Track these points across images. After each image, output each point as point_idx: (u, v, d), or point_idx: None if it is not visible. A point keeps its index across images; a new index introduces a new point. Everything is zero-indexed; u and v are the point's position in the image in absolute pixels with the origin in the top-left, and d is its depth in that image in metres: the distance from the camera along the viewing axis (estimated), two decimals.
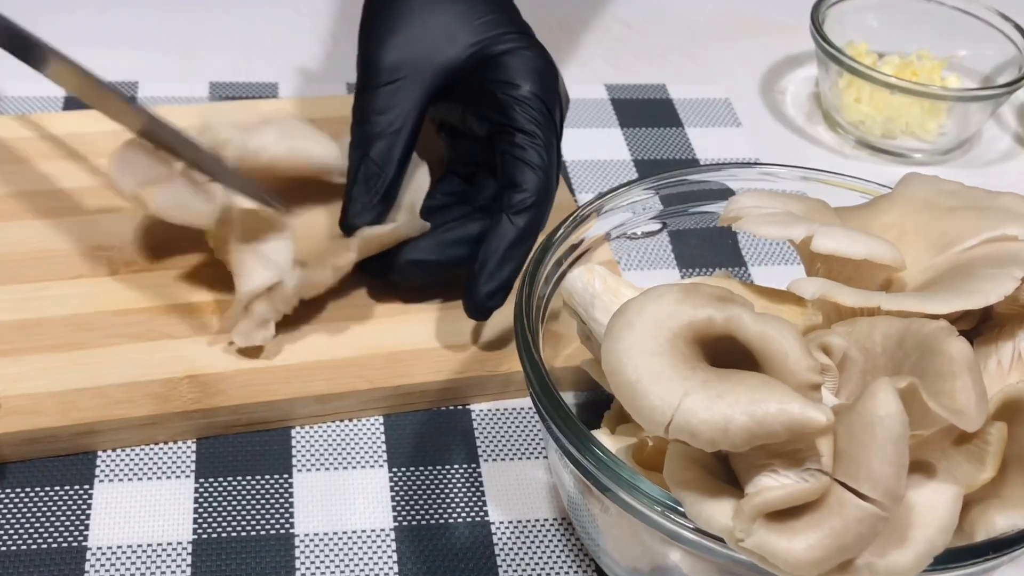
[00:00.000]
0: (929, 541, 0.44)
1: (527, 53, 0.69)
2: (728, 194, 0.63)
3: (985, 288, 0.50)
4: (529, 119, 0.67)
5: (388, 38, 0.69)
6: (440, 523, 0.61)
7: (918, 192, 0.58)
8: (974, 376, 0.46)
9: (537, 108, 0.67)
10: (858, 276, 0.54)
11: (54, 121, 0.81)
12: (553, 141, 0.68)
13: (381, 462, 0.63)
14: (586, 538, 0.58)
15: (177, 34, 0.96)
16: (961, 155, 0.91)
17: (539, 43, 0.70)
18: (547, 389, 0.51)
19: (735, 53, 1.01)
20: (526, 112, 0.67)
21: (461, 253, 0.68)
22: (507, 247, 0.65)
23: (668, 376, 0.45)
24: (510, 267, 0.65)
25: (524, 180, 0.66)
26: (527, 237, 0.66)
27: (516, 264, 0.66)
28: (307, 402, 0.64)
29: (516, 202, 0.66)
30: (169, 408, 0.62)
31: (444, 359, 0.66)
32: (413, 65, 0.69)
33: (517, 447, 0.65)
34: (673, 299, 0.47)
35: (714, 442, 0.43)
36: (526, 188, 0.66)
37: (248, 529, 0.60)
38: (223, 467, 0.62)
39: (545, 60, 0.69)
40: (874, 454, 0.42)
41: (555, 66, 0.70)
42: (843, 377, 0.50)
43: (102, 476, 0.61)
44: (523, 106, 0.67)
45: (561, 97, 0.70)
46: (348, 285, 0.69)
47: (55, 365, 0.64)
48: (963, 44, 0.94)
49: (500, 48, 0.69)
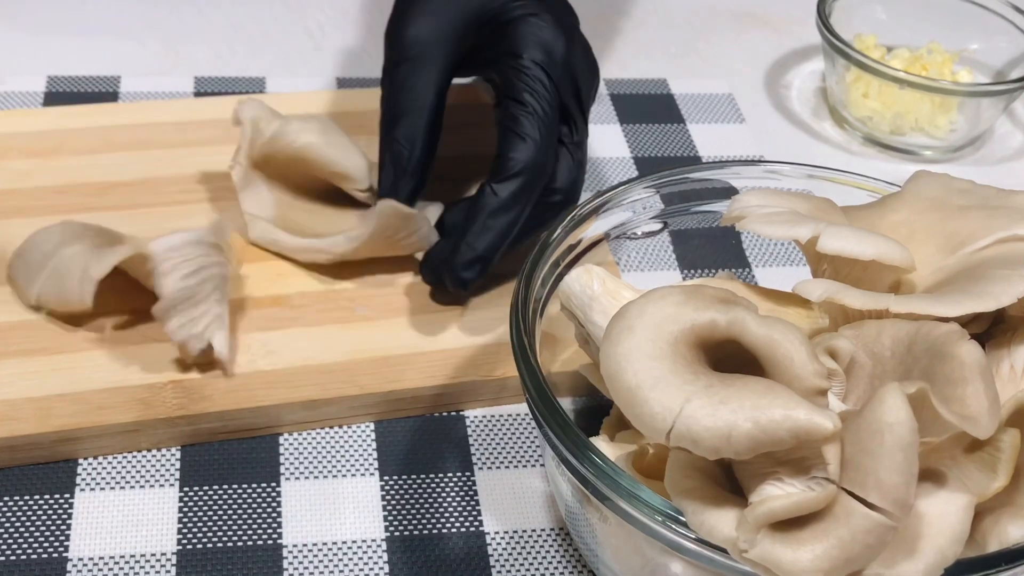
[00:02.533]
0: (940, 552, 0.44)
1: (535, 20, 0.69)
2: (731, 193, 0.64)
3: (997, 290, 0.50)
4: (525, 88, 0.67)
5: (406, 13, 0.70)
6: (433, 533, 0.61)
7: (928, 191, 0.58)
8: (986, 381, 0.46)
9: (534, 77, 0.67)
10: (866, 277, 0.54)
11: (37, 117, 0.81)
12: (550, 112, 0.67)
13: (372, 470, 0.63)
14: (584, 549, 0.58)
15: (160, 26, 0.96)
16: (972, 152, 0.91)
17: (558, 10, 0.70)
18: (544, 395, 0.51)
19: (739, 46, 1.01)
20: (523, 81, 0.67)
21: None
22: (486, 216, 0.66)
23: (669, 381, 0.45)
24: (488, 237, 0.66)
25: (510, 149, 0.66)
26: (509, 207, 0.66)
27: (496, 235, 0.66)
28: (295, 408, 0.64)
29: (500, 170, 0.66)
30: (152, 414, 0.62)
31: (437, 364, 0.66)
32: (430, 39, 0.69)
33: (513, 455, 0.65)
34: (674, 301, 0.47)
35: (717, 450, 0.43)
36: (512, 157, 0.66)
37: (234, 539, 0.60)
38: (208, 475, 0.62)
39: (555, 29, 0.69)
40: (883, 462, 0.42)
41: (570, 36, 0.70)
42: (850, 382, 0.50)
43: (83, 484, 0.61)
44: (521, 75, 0.67)
45: (573, 68, 0.69)
46: (339, 288, 0.69)
47: (34, 369, 0.64)
48: (975, 37, 0.94)
49: (510, 16, 0.69)
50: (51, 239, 0.67)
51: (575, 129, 0.69)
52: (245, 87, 0.89)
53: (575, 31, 0.71)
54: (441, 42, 0.70)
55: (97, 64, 0.90)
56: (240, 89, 0.89)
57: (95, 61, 0.90)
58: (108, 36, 0.94)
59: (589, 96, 0.71)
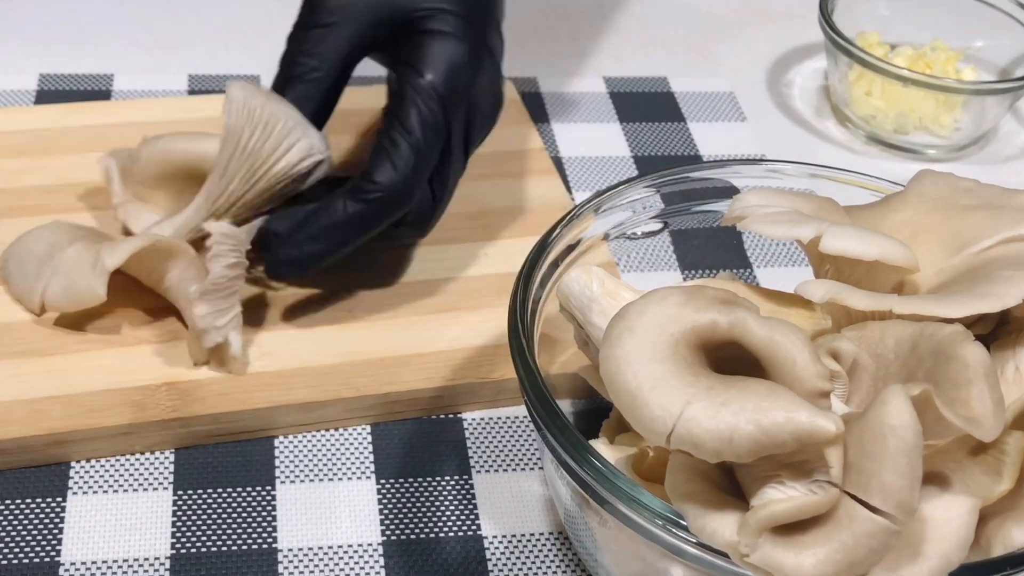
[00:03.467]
0: (944, 556, 0.44)
1: (449, 42, 0.66)
2: (732, 192, 0.64)
3: (1002, 291, 0.50)
4: (415, 113, 0.65)
5: None
6: (430, 537, 0.61)
7: (932, 190, 0.58)
8: (991, 383, 0.46)
9: (428, 105, 0.65)
10: (869, 278, 0.54)
11: (28, 116, 0.81)
12: (431, 145, 0.65)
13: (368, 473, 0.63)
14: (584, 553, 0.58)
15: (153, 24, 0.96)
16: (977, 151, 0.92)
17: (480, 31, 0.68)
18: (542, 397, 0.51)
19: (740, 44, 1.01)
20: (416, 105, 0.65)
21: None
22: (326, 225, 0.64)
23: (670, 383, 0.45)
24: (318, 246, 0.65)
25: (377, 171, 0.64)
26: (352, 227, 0.65)
27: (327, 246, 0.65)
28: (290, 410, 0.64)
29: (358, 188, 0.64)
30: (146, 417, 0.62)
31: (434, 365, 0.66)
32: (345, 12, 0.67)
33: (511, 458, 0.65)
34: (675, 302, 0.47)
35: (718, 453, 0.43)
36: (376, 181, 0.64)
37: (229, 544, 0.60)
38: (202, 479, 0.62)
39: (468, 55, 0.66)
40: (886, 465, 0.42)
41: (482, 63, 0.67)
42: (853, 384, 0.50)
43: (76, 488, 0.61)
44: (416, 97, 0.65)
45: (473, 101, 0.67)
46: (334, 288, 0.69)
47: (26, 371, 0.64)
48: (979, 35, 0.94)
49: (427, 26, 0.66)
50: (43, 239, 0.67)
51: (446, 163, 0.67)
52: None
53: (493, 59, 0.69)
54: (355, 19, 0.67)
55: (90, 62, 0.90)
56: None
57: (88, 59, 0.90)
58: (101, 33, 0.94)
59: (480, 132, 0.69)
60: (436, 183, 0.67)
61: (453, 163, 0.67)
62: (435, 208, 0.68)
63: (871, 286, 0.53)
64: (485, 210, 0.77)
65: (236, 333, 0.64)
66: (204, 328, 0.63)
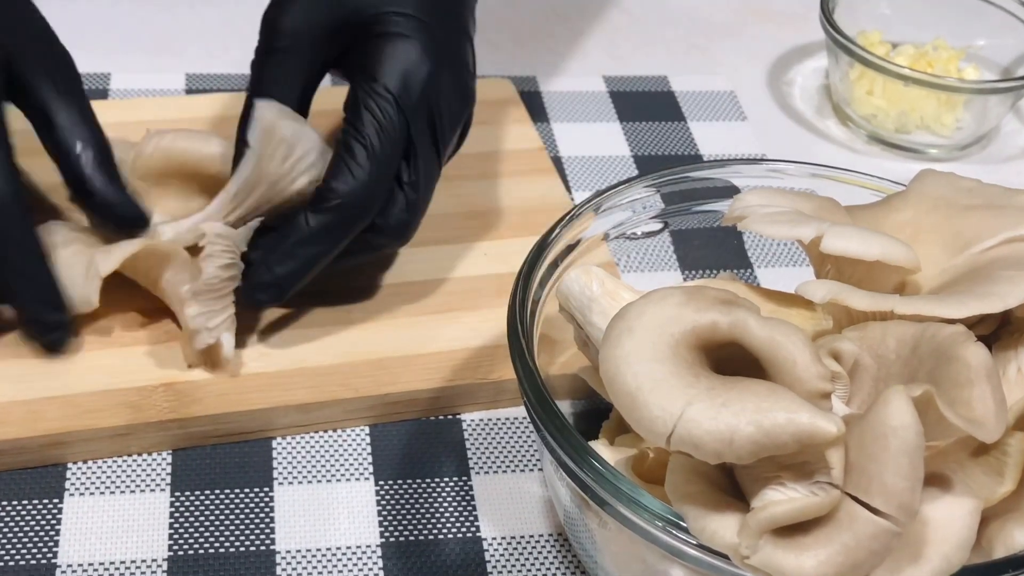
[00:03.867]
0: (945, 558, 0.44)
1: (404, 43, 0.65)
2: (733, 192, 0.64)
3: (1004, 291, 0.50)
4: (369, 117, 0.63)
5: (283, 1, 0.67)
6: (429, 539, 0.61)
7: (933, 190, 0.58)
8: (993, 384, 0.46)
9: (383, 108, 0.63)
10: (870, 278, 0.54)
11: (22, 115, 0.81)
12: (388, 149, 0.63)
13: (367, 475, 0.63)
14: (583, 555, 0.58)
15: (151, 23, 0.96)
16: (979, 150, 0.92)
17: (441, 29, 0.66)
18: (542, 398, 0.51)
19: (740, 43, 1.01)
20: (369, 109, 0.63)
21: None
22: (293, 243, 0.63)
23: (670, 384, 0.45)
24: (290, 265, 0.63)
25: (334, 178, 0.63)
26: (319, 240, 0.63)
27: (299, 265, 0.64)
28: (288, 411, 0.64)
29: (317, 199, 0.63)
30: (143, 418, 0.62)
31: (433, 366, 0.66)
32: (302, 31, 0.66)
33: (510, 459, 0.65)
34: (675, 303, 0.47)
35: (719, 454, 0.43)
36: (333, 188, 0.63)
37: (226, 545, 0.60)
38: (200, 480, 0.62)
39: (424, 55, 0.65)
40: (887, 466, 0.42)
41: (442, 63, 0.66)
42: (855, 385, 0.50)
43: (72, 489, 0.61)
44: (369, 102, 0.64)
45: (433, 101, 0.65)
46: (333, 289, 0.69)
47: (22, 372, 0.64)
48: (981, 33, 0.94)
49: (382, 29, 0.65)
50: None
51: (415, 168, 0.65)
52: (237, 84, 0.89)
53: (455, 56, 0.67)
54: (313, 36, 0.66)
55: (87, 60, 0.90)
56: (232, 86, 0.89)
57: (85, 57, 0.90)
58: (98, 32, 0.94)
59: (447, 133, 0.67)
60: (407, 188, 0.65)
61: (422, 167, 0.65)
62: (411, 214, 0.66)
63: (872, 286, 0.53)
64: (484, 210, 0.77)
65: (229, 335, 0.64)
66: (196, 329, 0.63)
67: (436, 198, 0.72)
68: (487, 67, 0.92)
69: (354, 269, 0.70)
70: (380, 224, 0.65)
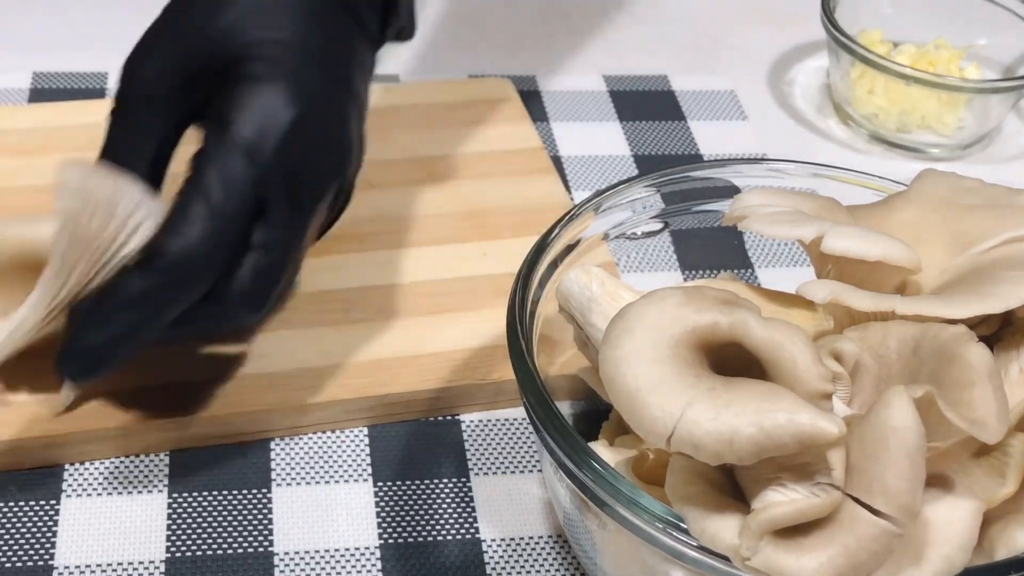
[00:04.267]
0: (946, 559, 0.44)
1: (265, 88, 0.57)
2: (733, 192, 0.63)
3: (1006, 291, 0.50)
4: (213, 169, 0.56)
5: (144, 44, 0.60)
6: (428, 541, 0.61)
7: (935, 189, 0.58)
8: (994, 384, 0.46)
9: (231, 160, 0.56)
10: (871, 278, 0.54)
11: (22, 115, 0.81)
12: (230, 207, 0.56)
13: (365, 476, 0.63)
14: (583, 556, 0.58)
15: (148, 22, 0.95)
16: (980, 150, 0.91)
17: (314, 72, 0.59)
18: (541, 398, 0.51)
19: (741, 42, 1.01)
20: (216, 159, 0.56)
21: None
22: (111, 308, 0.55)
23: (670, 385, 0.45)
24: (106, 334, 0.55)
25: (165, 236, 0.55)
26: (137, 306, 0.55)
27: (117, 334, 0.55)
28: (287, 412, 0.64)
29: (146, 259, 0.55)
30: (140, 419, 0.62)
31: (432, 367, 0.66)
32: (160, 79, 0.59)
33: (510, 460, 0.65)
34: (675, 303, 0.47)
35: (719, 455, 0.43)
36: (161, 246, 0.55)
37: (224, 547, 0.60)
38: (198, 481, 0.62)
39: (289, 101, 0.57)
40: (888, 468, 0.42)
41: (309, 110, 0.58)
42: (856, 385, 0.50)
43: (70, 491, 0.61)
44: (217, 150, 0.56)
45: (292, 155, 0.57)
46: (331, 289, 0.69)
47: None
48: (983, 33, 0.94)
49: (243, 72, 0.58)
50: None
51: (271, 229, 0.57)
52: None
53: (328, 104, 0.59)
54: (171, 85, 0.59)
55: (84, 61, 0.90)
56: None
57: (82, 57, 0.90)
58: (95, 32, 0.94)
59: (312, 190, 0.58)
60: (258, 251, 0.57)
61: (278, 226, 0.57)
62: (260, 281, 0.57)
63: (873, 286, 0.53)
64: (483, 210, 0.77)
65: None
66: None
67: (436, 198, 0.72)
68: (487, 67, 0.93)
69: (354, 270, 0.70)
70: (221, 291, 0.57)
